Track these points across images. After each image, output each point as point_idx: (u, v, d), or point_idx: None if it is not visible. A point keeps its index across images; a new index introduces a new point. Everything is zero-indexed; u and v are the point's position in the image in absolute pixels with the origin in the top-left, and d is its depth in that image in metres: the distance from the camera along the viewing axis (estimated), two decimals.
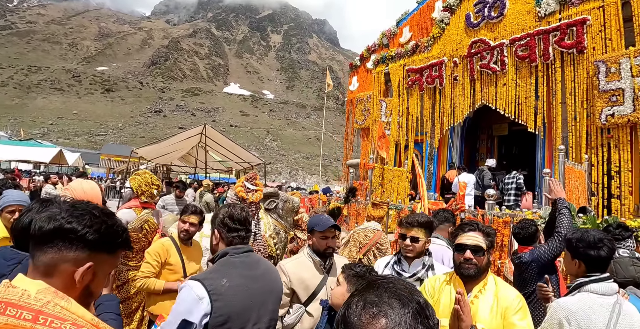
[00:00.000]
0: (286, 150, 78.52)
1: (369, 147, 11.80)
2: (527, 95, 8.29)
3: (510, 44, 8.61)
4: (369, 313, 0.73)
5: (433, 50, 10.50)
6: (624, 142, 6.77)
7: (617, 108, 6.82)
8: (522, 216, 3.90)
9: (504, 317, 2.00)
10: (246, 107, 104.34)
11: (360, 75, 13.56)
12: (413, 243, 2.44)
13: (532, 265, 2.89)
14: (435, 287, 2.24)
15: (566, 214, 2.99)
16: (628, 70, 6.77)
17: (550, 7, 8.14)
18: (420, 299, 0.78)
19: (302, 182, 60.04)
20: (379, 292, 0.77)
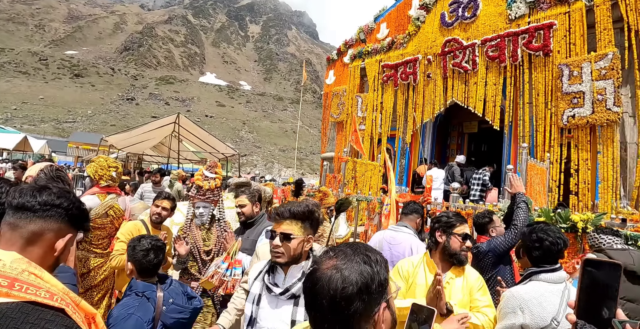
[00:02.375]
0: (262, 142, 77.96)
1: (344, 141, 11.96)
2: (496, 94, 8.61)
3: (481, 44, 8.89)
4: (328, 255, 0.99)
5: (408, 47, 10.71)
6: (584, 142, 7.17)
7: (577, 110, 7.19)
8: (484, 208, 4.11)
9: (470, 294, 2.24)
10: (222, 97, 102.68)
11: (337, 69, 13.65)
12: (285, 242, 1.80)
13: (488, 255, 3.07)
14: (410, 271, 2.41)
15: (523, 207, 3.19)
16: (589, 74, 7.14)
17: (520, 10, 8.44)
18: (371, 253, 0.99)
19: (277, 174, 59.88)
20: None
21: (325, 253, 1.02)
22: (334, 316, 0.91)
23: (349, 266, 0.94)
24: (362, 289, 0.92)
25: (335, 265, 0.95)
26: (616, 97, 6.83)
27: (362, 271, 0.94)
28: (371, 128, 11.31)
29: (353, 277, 0.92)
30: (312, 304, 0.95)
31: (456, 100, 9.35)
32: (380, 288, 0.94)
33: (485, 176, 8.15)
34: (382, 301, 0.95)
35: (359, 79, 12.23)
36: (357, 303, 0.90)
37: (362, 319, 0.92)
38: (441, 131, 11.37)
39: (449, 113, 10.74)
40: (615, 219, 3.92)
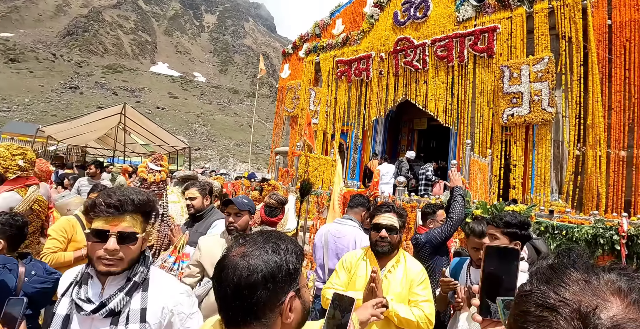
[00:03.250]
0: (217, 136, 76.11)
1: (297, 135, 11.97)
2: (444, 93, 8.97)
3: (431, 44, 9.21)
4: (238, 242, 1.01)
5: (362, 44, 10.87)
6: (520, 140, 7.65)
7: (516, 109, 7.66)
8: (427, 201, 4.30)
9: (410, 287, 2.27)
10: (175, 89, 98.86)
11: (292, 63, 13.59)
12: (127, 245, 1.37)
13: (426, 246, 3.21)
14: (352, 262, 2.45)
15: (459, 201, 3.36)
16: (527, 76, 7.62)
17: (467, 13, 8.82)
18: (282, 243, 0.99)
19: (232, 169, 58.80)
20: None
21: (236, 240, 1.03)
22: (237, 303, 0.92)
23: (257, 253, 0.96)
24: (267, 277, 0.92)
25: (244, 252, 0.96)
26: (550, 99, 7.34)
27: (270, 259, 0.95)
28: (325, 123, 11.39)
29: (259, 265, 0.93)
30: (218, 292, 0.96)
31: (407, 97, 9.63)
32: (287, 276, 0.95)
33: (428, 171, 8.50)
34: (290, 290, 0.96)
35: (313, 74, 12.26)
36: (261, 290, 0.91)
37: (266, 307, 0.93)
38: (392, 127, 11.68)
39: (400, 110, 11.05)
40: (544, 210, 4.24)
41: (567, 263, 0.58)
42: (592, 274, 0.55)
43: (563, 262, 0.59)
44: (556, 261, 0.60)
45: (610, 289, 0.53)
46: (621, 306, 0.51)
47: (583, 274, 0.56)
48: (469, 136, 8.34)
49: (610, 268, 0.57)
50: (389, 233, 2.30)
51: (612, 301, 0.51)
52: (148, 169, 3.21)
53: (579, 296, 0.53)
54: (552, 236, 3.87)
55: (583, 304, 0.52)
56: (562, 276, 0.56)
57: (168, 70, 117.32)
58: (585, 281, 0.54)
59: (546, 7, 7.80)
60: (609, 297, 0.52)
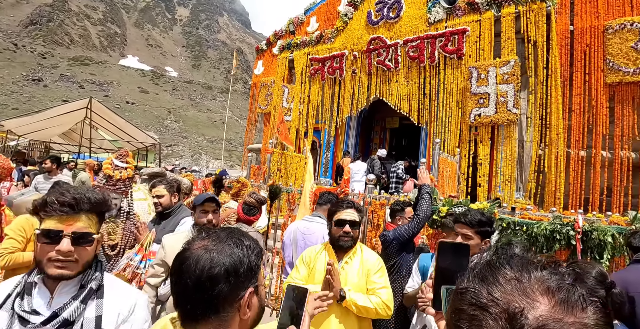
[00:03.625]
0: (189, 132, 74.60)
1: (270, 133, 11.92)
2: (415, 92, 9.14)
3: (403, 44, 9.36)
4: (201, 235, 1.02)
5: (336, 42, 10.92)
6: (486, 139, 7.91)
7: (483, 109, 7.91)
8: (396, 198, 4.38)
9: (367, 276, 2.35)
10: (146, 83, 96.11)
11: (265, 59, 13.51)
12: (83, 246, 1.29)
13: (393, 242, 3.28)
14: (312, 257, 2.50)
15: (426, 198, 3.45)
16: (494, 78, 7.88)
17: (438, 15, 9.01)
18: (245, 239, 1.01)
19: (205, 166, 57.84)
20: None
21: (198, 233, 1.04)
22: (198, 296, 0.91)
23: (220, 247, 0.96)
24: (230, 271, 0.93)
25: (206, 246, 0.97)
26: (516, 100, 7.62)
27: (233, 253, 0.96)
28: (298, 120, 11.40)
29: (222, 258, 0.94)
30: (177, 284, 0.95)
31: (379, 96, 9.76)
32: (249, 272, 0.96)
33: (399, 170, 8.66)
34: (250, 286, 0.96)
35: (287, 71, 12.23)
36: (222, 284, 0.91)
37: (226, 301, 0.93)
38: (365, 125, 11.81)
39: (373, 108, 11.17)
40: (507, 207, 4.41)
41: (504, 260, 0.59)
42: (525, 272, 0.56)
43: (500, 259, 0.60)
44: (494, 257, 0.60)
45: (539, 288, 0.54)
46: (548, 306, 0.51)
47: (516, 272, 0.56)
48: (439, 135, 8.54)
49: (543, 265, 0.57)
50: (352, 228, 2.38)
51: (540, 301, 0.52)
52: (113, 166, 3.13)
53: (510, 295, 0.53)
54: (513, 232, 4.03)
55: (512, 304, 0.52)
56: (496, 274, 0.57)
57: (138, 64, 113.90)
58: (517, 280, 0.55)
59: (513, 11, 8.07)
60: (537, 297, 0.53)
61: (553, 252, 3.97)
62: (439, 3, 9.00)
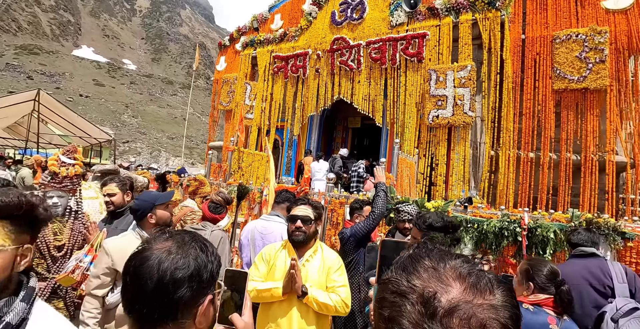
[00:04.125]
0: (148, 128, 71.97)
1: (232, 130, 11.74)
2: (377, 93, 9.32)
3: (366, 45, 9.51)
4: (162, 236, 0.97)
5: (300, 41, 10.92)
6: (443, 140, 8.20)
7: (441, 111, 8.19)
8: (355, 197, 4.46)
9: (327, 274, 2.40)
10: (101, 75, 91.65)
11: (228, 55, 13.28)
12: None
13: (350, 239, 3.35)
14: (271, 254, 2.52)
15: (382, 196, 3.54)
16: (452, 81, 8.17)
17: (400, 18, 9.23)
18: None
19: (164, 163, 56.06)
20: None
21: (161, 233, 0.98)
22: (157, 300, 0.86)
23: (185, 249, 0.92)
24: (194, 275, 0.89)
25: (170, 247, 0.92)
26: (471, 103, 7.95)
27: (198, 257, 0.92)
28: (260, 118, 11.30)
29: (187, 261, 0.89)
30: (134, 287, 0.88)
31: (342, 96, 9.87)
32: (211, 279, 0.93)
33: (360, 169, 8.81)
34: (210, 294, 0.93)
35: (250, 68, 12.09)
36: (185, 288, 0.87)
37: (185, 307, 0.88)
38: (327, 124, 11.89)
39: (336, 108, 11.27)
40: (460, 206, 4.61)
41: (424, 252, 0.64)
42: (441, 262, 0.61)
43: (421, 251, 0.65)
44: (415, 251, 0.65)
45: (452, 275, 0.58)
46: (460, 289, 0.56)
47: (434, 262, 0.61)
48: (399, 135, 8.75)
49: (457, 255, 0.63)
50: (304, 224, 2.43)
51: (453, 286, 0.57)
52: (60, 163, 2.97)
53: (426, 282, 0.58)
54: (465, 229, 4.21)
55: (427, 289, 0.57)
56: (416, 265, 0.61)
57: (93, 55, 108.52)
58: (434, 269, 0.60)
59: (470, 18, 8.41)
60: (451, 282, 0.57)
61: (501, 248, 4.19)
62: (400, 7, 9.22)
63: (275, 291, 2.27)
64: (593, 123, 7.87)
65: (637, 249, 3.73)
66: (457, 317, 0.53)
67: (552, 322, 1.95)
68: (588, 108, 7.97)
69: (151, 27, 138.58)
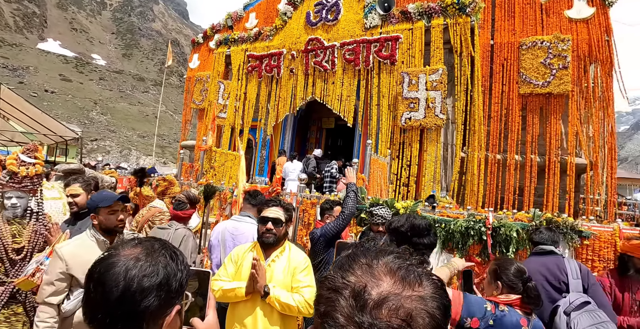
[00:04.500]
0: (118, 126, 69.87)
1: (204, 129, 11.58)
2: (350, 94, 9.40)
3: (340, 47, 9.57)
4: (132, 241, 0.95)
5: (274, 41, 10.88)
6: (415, 142, 8.37)
7: (413, 113, 8.35)
8: (327, 197, 4.49)
9: (293, 274, 2.39)
10: (68, 70, 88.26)
11: (202, 53, 13.08)
12: None
13: (320, 239, 3.37)
14: (239, 254, 2.52)
15: (352, 196, 3.58)
16: (424, 84, 8.34)
17: (374, 21, 9.34)
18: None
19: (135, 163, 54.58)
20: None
21: (129, 240, 0.94)
22: (122, 309, 0.81)
23: (154, 257, 0.88)
24: (163, 284, 0.85)
25: (139, 254, 0.88)
26: (442, 106, 8.14)
27: (168, 264, 0.88)
28: (233, 118, 11.19)
29: (156, 269, 0.86)
30: (97, 294, 0.84)
31: (315, 97, 9.90)
32: (180, 288, 0.89)
33: (333, 169, 8.86)
34: (177, 304, 0.90)
35: (223, 66, 11.94)
36: (152, 297, 0.83)
37: (152, 318, 0.84)
38: (301, 124, 11.89)
39: (310, 108, 11.28)
40: (429, 206, 4.72)
41: (361, 251, 0.68)
42: (375, 259, 0.65)
43: (358, 250, 0.68)
44: (354, 250, 0.69)
45: (384, 270, 0.62)
46: (390, 283, 0.60)
47: (368, 259, 0.65)
48: (372, 136, 8.86)
49: (391, 252, 0.67)
50: (275, 226, 2.43)
51: (384, 280, 0.61)
52: (19, 162, 2.85)
53: (360, 278, 0.61)
54: (434, 229, 4.33)
55: (358, 283, 0.60)
56: (352, 263, 0.65)
57: (60, 49, 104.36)
58: (368, 265, 0.63)
59: (442, 23, 8.61)
60: (382, 277, 0.61)
61: (467, 247, 4.32)
62: (375, 9, 9.33)
63: (239, 290, 2.28)
64: (556, 126, 8.23)
65: (593, 247, 3.93)
66: (385, 308, 0.56)
67: (524, 324, 2.00)
68: (552, 112, 8.32)
69: (122, 21, 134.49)
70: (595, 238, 3.92)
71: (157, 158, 50.47)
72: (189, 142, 12.67)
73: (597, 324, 2.35)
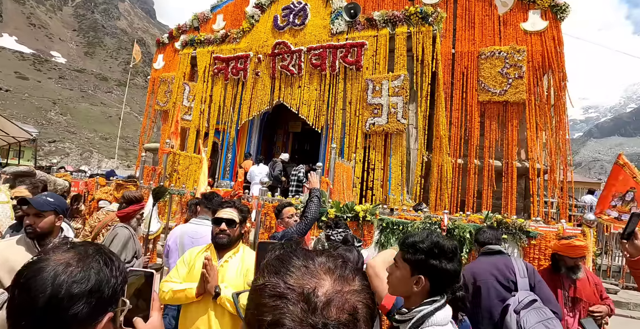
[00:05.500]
0: (78, 127, 67.04)
1: (168, 131, 11.33)
2: (316, 99, 9.48)
3: (307, 51, 9.66)
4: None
5: (241, 43, 10.83)
6: (379, 146, 8.54)
7: (377, 119, 8.53)
8: (287, 201, 4.51)
9: (245, 275, 2.39)
10: (25, 68, 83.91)
11: (167, 54, 12.84)
12: None
13: None
14: (193, 255, 2.52)
15: (315, 201, 3.61)
16: (387, 90, 8.54)
17: (340, 27, 9.49)
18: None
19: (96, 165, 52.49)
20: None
21: (61, 245, 0.91)
22: (47, 317, 0.79)
23: (87, 262, 0.86)
24: (94, 290, 0.82)
25: (69, 259, 0.85)
26: (404, 111, 8.36)
27: (101, 270, 0.86)
28: (198, 120, 11.01)
29: (87, 275, 0.83)
30: (22, 300, 0.81)
31: (282, 100, 9.92)
32: (113, 295, 0.87)
33: (300, 173, 8.89)
34: (110, 311, 0.87)
35: (189, 68, 11.75)
36: (81, 304, 0.80)
37: (80, 326, 0.81)
38: (268, 128, 11.85)
39: (277, 111, 11.26)
40: (387, 208, 4.84)
41: (290, 252, 0.69)
42: (309, 260, 0.67)
43: (287, 252, 0.69)
44: (281, 252, 0.70)
45: (322, 269, 0.65)
46: (330, 282, 0.63)
47: (303, 260, 0.66)
48: (337, 141, 8.96)
49: (321, 252, 0.70)
50: (228, 227, 2.44)
51: (325, 279, 0.63)
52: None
53: (301, 280, 0.62)
54: (392, 231, 4.44)
55: (305, 286, 0.61)
56: (287, 265, 0.65)
57: (16, 45, 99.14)
58: (305, 267, 0.65)
59: (405, 31, 8.86)
60: (322, 276, 0.64)
61: None
62: (341, 16, 9.48)
63: (190, 291, 2.26)
64: (513, 133, 8.63)
65: (539, 247, 4.17)
66: (334, 306, 0.60)
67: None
68: (509, 119, 8.73)
69: (85, 18, 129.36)
70: (542, 238, 4.16)
71: (120, 161, 48.76)
72: (152, 145, 12.36)
73: (543, 321, 2.49)
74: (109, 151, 59.65)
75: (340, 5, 9.53)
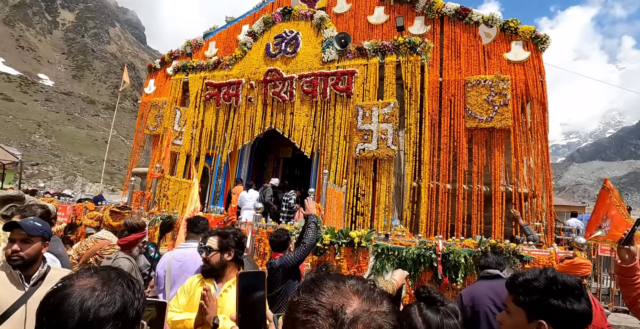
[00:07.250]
0: (63, 150, 65.95)
1: (158, 156, 11.26)
2: (307, 125, 9.60)
3: (299, 78, 9.86)
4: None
5: (233, 70, 11.00)
6: (368, 172, 8.62)
7: (367, 145, 8.65)
8: (281, 227, 4.49)
9: None
10: (11, 90, 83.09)
11: (158, 79, 12.95)
12: None
13: (279, 270, 3.34)
14: (192, 285, 2.48)
15: (312, 227, 3.61)
16: (377, 117, 8.71)
17: (331, 55, 9.76)
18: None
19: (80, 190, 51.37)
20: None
21: (86, 270, 0.94)
22: None
23: (110, 286, 0.89)
24: (120, 313, 0.86)
25: (94, 283, 0.89)
26: (394, 138, 8.51)
27: (125, 294, 0.89)
28: (190, 145, 11.00)
29: (113, 298, 0.87)
30: (51, 327, 0.83)
31: (273, 126, 10.01)
32: (137, 316, 0.91)
33: (291, 199, 8.86)
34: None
35: (180, 93, 11.83)
36: (109, 327, 0.83)
37: None
38: (259, 153, 11.89)
39: (267, 137, 11.33)
40: (382, 234, 4.85)
41: (323, 275, 0.76)
42: (340, 282, 0.74)
43: (320, 274, 0.77)
44: (316, 275, 0.77)
45: (351, 291, 0.71)
46: (358, 302, 0.69)
47: (334, 282, 0.73)
48: (328, 166, 9.02)
49: (352, 276, 0.77)
50: (207, 254, 2.47)
51: (353, 299, 0.69)
52: None
53: (332, 298, 0.69)
54: (387, 256, 4.44)
55: (334, 304, 0.68)
56: (320, 285, 0.72)
57: (3, 67, 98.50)
58: (336, 287, 0.72)
59: (394, 60, 9.15)
60: (351, 296, 0.70)
61: (419, 273, 4.46)
62: (332, 45, 9.77)
63: (188, 322, 2.22)
64: (499, 158, 8.83)
65: None
66: (360, 323, 0.65)
67: None
68: (495, 145, 8.95)
69: (74, 41, 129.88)
70: (535, 262, 4.21)
71: (105, 185, 47.87)
72: (140, 169, 12.24)
73: None
74: (94, 174, 58.66)
75: (331, 35, 9.84)
